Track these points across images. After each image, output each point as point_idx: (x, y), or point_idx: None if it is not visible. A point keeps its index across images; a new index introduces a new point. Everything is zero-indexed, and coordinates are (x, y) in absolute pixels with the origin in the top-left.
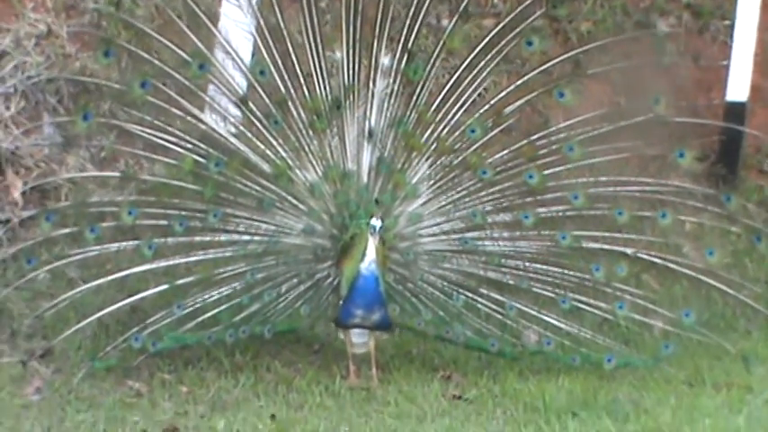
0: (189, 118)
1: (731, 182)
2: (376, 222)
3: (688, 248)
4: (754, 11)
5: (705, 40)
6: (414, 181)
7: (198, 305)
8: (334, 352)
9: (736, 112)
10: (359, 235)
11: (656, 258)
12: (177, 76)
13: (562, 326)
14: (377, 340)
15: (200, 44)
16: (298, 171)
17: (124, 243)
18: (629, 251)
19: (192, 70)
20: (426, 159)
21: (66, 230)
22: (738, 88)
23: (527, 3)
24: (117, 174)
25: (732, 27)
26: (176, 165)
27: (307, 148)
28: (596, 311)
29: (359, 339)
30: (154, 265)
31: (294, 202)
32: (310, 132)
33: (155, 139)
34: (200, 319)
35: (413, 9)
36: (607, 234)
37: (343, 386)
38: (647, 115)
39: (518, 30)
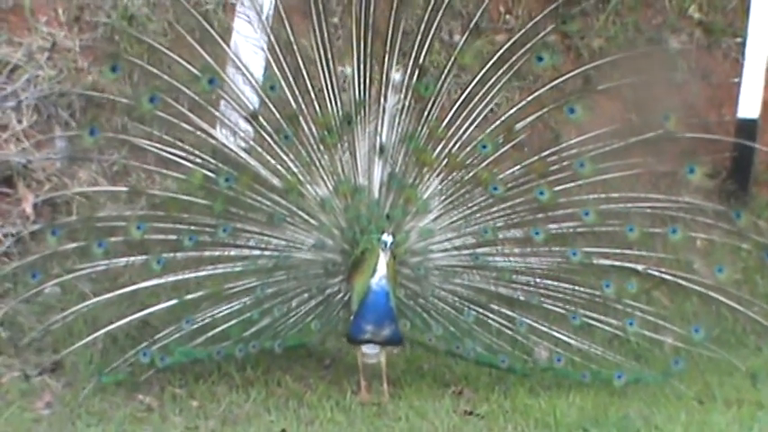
0: (199, 133)
1: (742, 198)
2: (387, 238)
3: (699, 265)
4: (765, 28)
5: (716, 57)
6: (425, 196)
7: (207, 320)
8: (345, 367)
9: (747, 128)
10: (370, 250)
11: (667, 275)
12: (186, 90)
13: (572, 342)
14: (388, 355)
15: (209, 59)
16: (308, 186)
17: (132, 258)
18: (639, 267)
19: (202, 85)
20: (437, 175)
21: (74, 245)
22: (750, 105)
23: (537, 18)
24: (125, 188)
25: (743, 44)
26: (186, 179)
27: (318, 163)
28: (607, 328)
29: (370, 351)
30: (163, 280)
31: (305, 216)
32: (321, 147)
33: (164, 153)
34: (209, 334)
35: (424, 24)
36: (618, 250)
37: (354, 401)
38: (657, 131)
39: (529, 45)
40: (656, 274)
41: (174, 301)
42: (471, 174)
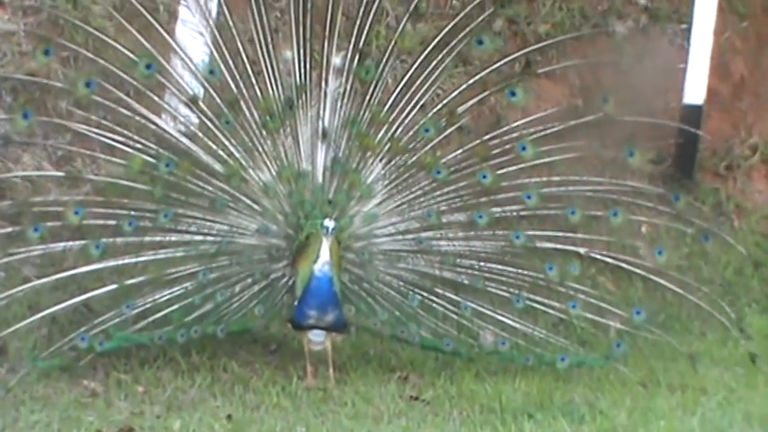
0: (138, 118)
1: (687, 185)
2: (329, 223)
3: (643, 250)
4: (710, 15)
5: (662, 43)
6: (369, 181)
7: (149, 305)
8: (291, 352)
9: (692, 115)
10: (314, 235)
11: (608, 258)
12: (124, 76)
13: (517, 325)
14: (333, 341)
15: (147, 44)
16: (251, 171)
17: (70, 243)
18: (581, 251)
19: (140, 70)
20: (381, 159)
21: (9, 229)
22: (695, 91)
23: (477, 1)
24: (62, 173)
25: (689, 30)
26: (126, 165)
27: (260, 148)
28: (550, 311)
29: (316, 338)
30: (102, 265)
31: (248, 202)
32: (263, 132)
33: (104, 139)
34: (151, 318)
35: (363, 8)
36: (560, 233)
37: (299, 387)
38: (597, 114)
39: (469, 28)
40: (598, 257)
41: (114, 286)
42: (414, 158)
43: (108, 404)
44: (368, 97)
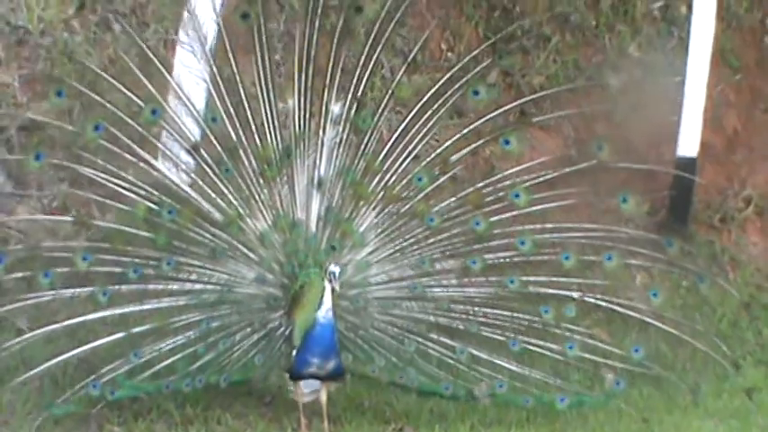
0: (142, 164)
1: (682, 236)
2: (335, 268)
3: (638, 298)
4: (704, 68)
5: (656, 95)
6: (361, 229)
7: (154, 354)
8: (286, 404)
9: (686, 167)
10: (308, 284)
11: (602, 301)
12: (130, 121)
13: (513, 368)
14: (328, 391)
15: (152, 89)
16: (248, 220)
17: (78, 289)
18: (575, 295)
19: (145, 116)
20: (374, 208)
21: (19, 275)
22: (689, 144)
23: (474, 53)
24: (69, 218)
25: (683, 83)
26: (129, 211)
27: (257, 197)
28: (548, 353)
29: (310, 389)
30: (108, 313)
31: (245, 250)
32: (261, 181)
33: (108, 184)
34: (156, 368)
35: (363, 58)
36: (554, 278)
37: None
38: (591, 161)
39: (464, 80)
40: (592, 300)
41: (120, 334)
42: (408, 206)
43: None
44: (363, 146)
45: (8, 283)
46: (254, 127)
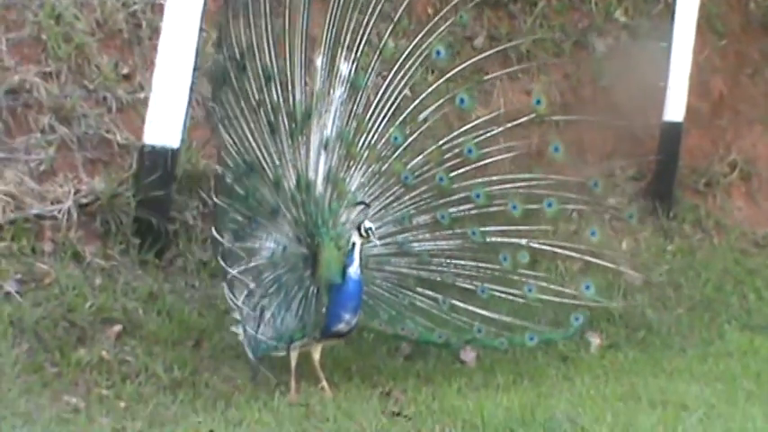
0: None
1: (667, 201)
2: (370, 224)
3: (624, 266)
4: (690, 33)
5: (642, 61)
6: (353, 189)
7: None
8: (273, 367)
9: (672, 132)
10: (321, 244)
11: (545, 246)
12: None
13: (485, 313)
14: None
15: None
16: (284, 179)
17: None
18: (523, 241)
19: None
20: (360, 168)
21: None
22: (675, 109)
23: (440, 15)
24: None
25: (669, 49)
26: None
27: (287, 156)
28: (510, 297)
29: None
30: None
31: (284, 210)
32: (290, 140)
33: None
34: None
35: (367, 18)
36: (505, 228)
37: (282, 402)
38: (528, 115)
39: (430, 40)
40: (537, 246)
41: None
42: (387, 165)
43: (90, 420)
44: (355, 106)
45: None
46: (289, 85)
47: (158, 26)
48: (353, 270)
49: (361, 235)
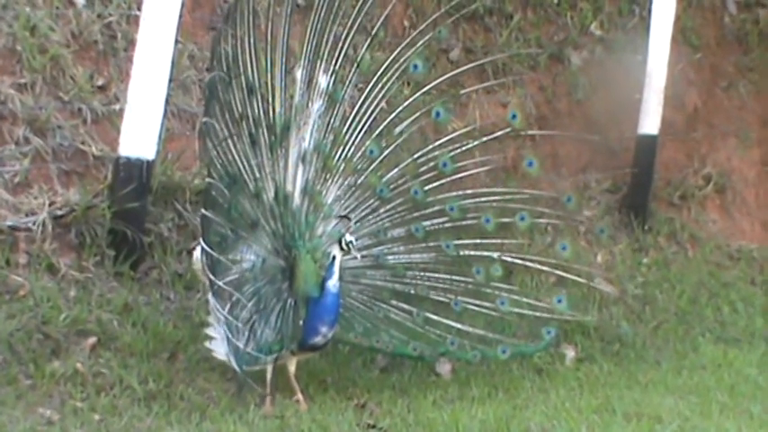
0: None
1: (642, 214)
2: (351, 238)
3: (599, 280)
4: (665, 46)
5: (617, 74)
6: (329, 201)
7: None
8: (248, 379)
9: (647, 145)
10: (298, 256)
11: (517, 259)
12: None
13: (459, 326)
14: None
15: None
16: (263, 191)
17: None
18: (495, 255)
19: None
20: (336, 180)
21: None
22: (650, 122)
23: (418, 30)
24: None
25: (644, 62)
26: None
27: (266, 169)
28: (483, 310)
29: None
30: None
31: (263, 221)
32: (269, 153)
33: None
34: None
35: (347, 31)
36: (479, 241)
37: (256, 414)
38: (505, 129)
39: (408, 55)
40: (509, 259)
41: None
42: (363, 178)
43: None
44: (332, 119)
45: None
46: (269, 98)
47: (134, 38)
48: (332, 283)
49: (341, 248)
